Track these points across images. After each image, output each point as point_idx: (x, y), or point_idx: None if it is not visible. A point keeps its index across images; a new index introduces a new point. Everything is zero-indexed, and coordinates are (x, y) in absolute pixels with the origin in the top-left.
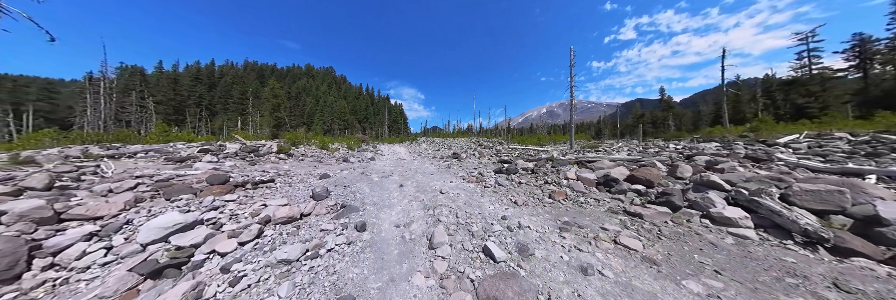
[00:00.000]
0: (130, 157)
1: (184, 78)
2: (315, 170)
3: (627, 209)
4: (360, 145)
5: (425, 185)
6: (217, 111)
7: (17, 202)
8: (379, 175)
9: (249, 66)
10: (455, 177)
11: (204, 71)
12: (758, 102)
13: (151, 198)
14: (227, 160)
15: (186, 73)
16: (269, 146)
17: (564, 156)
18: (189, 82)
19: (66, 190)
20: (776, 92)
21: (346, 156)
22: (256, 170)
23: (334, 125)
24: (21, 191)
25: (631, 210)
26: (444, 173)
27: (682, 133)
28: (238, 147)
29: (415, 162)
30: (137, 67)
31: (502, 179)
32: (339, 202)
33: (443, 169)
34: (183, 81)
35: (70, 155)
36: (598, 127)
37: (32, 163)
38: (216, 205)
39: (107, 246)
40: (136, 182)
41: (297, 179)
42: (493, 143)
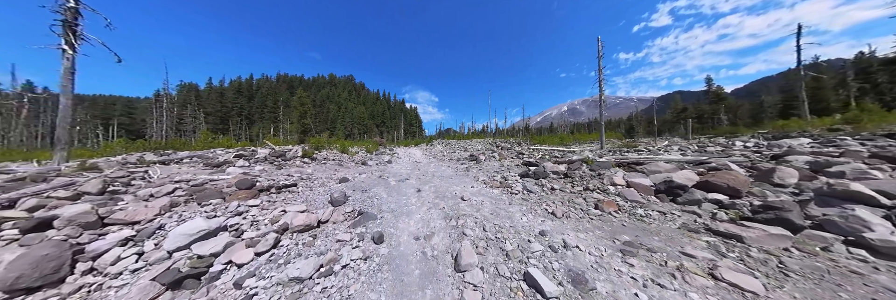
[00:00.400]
0: (177, 163)
1: (228, 91)
2: (335, 174)
3: (711, 227)
4: (377, 148)
5: (444, 190)
6: (255, 120)
7: (69, 207)
8: (396, 179)
9: (281, 78)
10: (475, 181)
11: (244, 84)
12: (848, 88)
13: (185, 203)
14: (258, 164)
15: (230, 87)
16: (295, 151)
17: (602, 158)
18: (232, 95)
19: (116, 194)
20: (878, 73)
21: (365, 159)
22: (282, 174)
23: (354, 129)
24: (79, 195)
25: (719, 228)
26: (462, 177)
27: (739, 128)
28: (267, 152)
29: (431, 164)
30: (192, 84)
31: (531, 185)
32: (357, 208)
33: (461, 172)
34: (227, 95)
35: (128, 161)
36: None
37: (95, 169)
38: (240, 210)
39: (138, 251)
40: (174, 187)
41: (317, 183)
42: (511, 143)
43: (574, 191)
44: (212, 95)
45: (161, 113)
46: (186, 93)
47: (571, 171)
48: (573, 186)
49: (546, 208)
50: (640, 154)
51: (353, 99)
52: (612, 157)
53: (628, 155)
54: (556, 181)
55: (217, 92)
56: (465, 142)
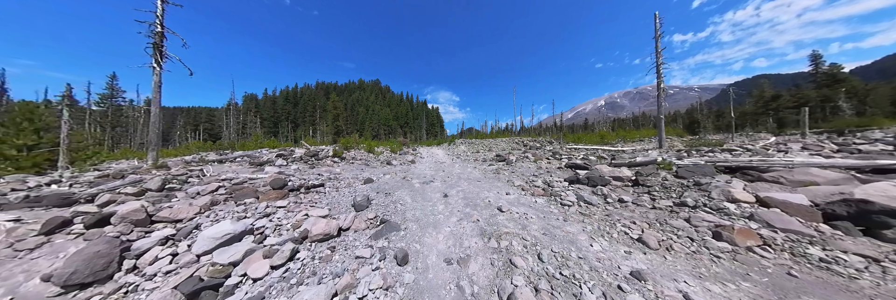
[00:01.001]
0: (232, 161)
1: (279, 99)
2: (361, 174)
3: None
4: (401, 148)
5: (474, 197)
6: (299, 123)
7: (125, 204)
8: (420, 180)
9: (320, 86)
10: (510, 186)
11: (291, 93)
12: None
13: (225, 201)
14: (294, 164)
15: (280, 95)
16: (327, 150)
17: (681, 160)
18: (282, 103)
19: (173, 191)
20: None
21: (390, 159)
22: (313, 174)
23: (380, 130)
24: (144, 191)
25: None
26: (492, 180)
27: (875, 119)
28: (303, 152)
29: (455, 165)
30: (252, 95)
31: (586, 194)
32: (379, 215)
33: (490, 174)
34: (278, 102)
35: (192, 160)
36: (689, 118)
37: (164, 167)
38: (268, 211)
39: (173, 252)
40: (218, 185)
41: (344, 184)
42: (540, 143)
43: (661, 207)
44: (266, 103)
45: (230, 119)
46: (248, 102)
47: (644, 178)
48: (654, 199)
49: (625, 231)
50: (737, 155)
51: (379, 101)
52: (699, 159)
53: (718, 155)
54: (624, 191)
55: (270, 100)
56: (489, 141)
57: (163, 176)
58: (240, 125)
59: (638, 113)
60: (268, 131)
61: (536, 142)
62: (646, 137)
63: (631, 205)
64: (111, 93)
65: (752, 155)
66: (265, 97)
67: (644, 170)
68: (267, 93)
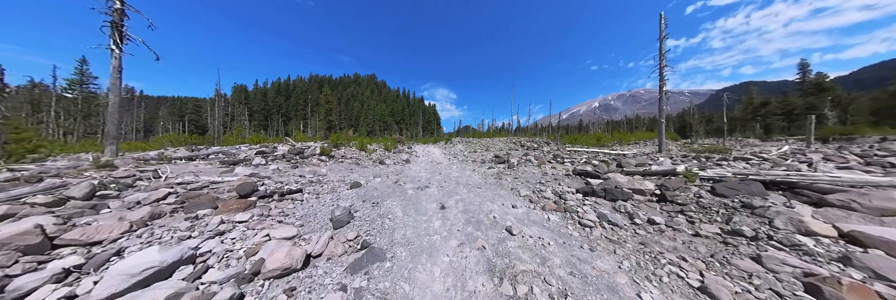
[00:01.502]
0: (203, 159)
1: (270, 92)
2: (350, 176)
3: None
4: (396, 146)
5: (476, 210)
6: (290, 117)
7: (12, 224)
8: (414, 185)
9: (313, 79)
10: (515, 196)
11: (283, 85)
12: None
13: (171, 214)
14: (274, 163)
15: (272, 87)
16: (314, 148)
17: (704, 171)
18: (273, 95)
19: (107, 199)
20: None
21: (382, 158)
22: (293, 175)
23: (375, 126)
24: (63, 201)
25: None
26: (494, 187)
27: (859, 127)
28: (287, 149)
29: (453, 167)
30: (242, 86)
31: (607, 210)
32: (362, 234)
33: (491, 179)
34: (269, 94)
35: (151, 158)
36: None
37: (109, 166)
38: (222, 228)
39: (70, 294)
40: (168, 192)
41: (327, 189)
42: (538, 143)
43: (707, 235)
44: (257, 95)
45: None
46: (238, 93)
47: (672, 193)
48: (693, 222)
49: (677, 271)
50: (758, 165)
51: (375, 97)
52: (725, 171)
53: (739, 166)
54: (650, 208)
55: (261, 92)
56: (487, 140)
57: (98, 179)
58: (228, 117)
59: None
60: (258, 125)
61: (534, 142)
62: (641, 140)
63: (666, 230)
64: (81, 78)
65: (774, 165)
66: (256, 89)
67: (669, 183)
68: (257, 84)
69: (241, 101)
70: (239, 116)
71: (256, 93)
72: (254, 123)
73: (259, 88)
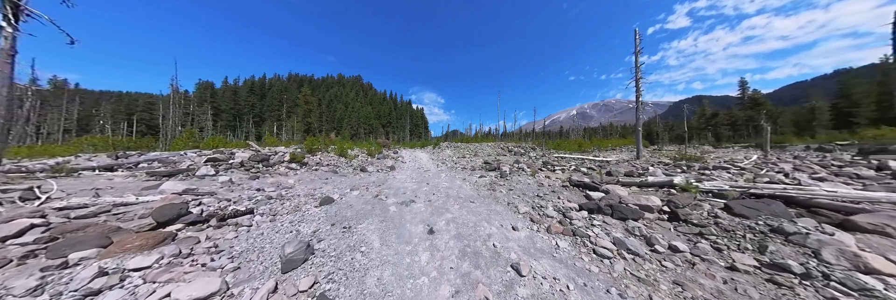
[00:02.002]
0: (128, 169)
1: (242, 90)
2: (322, 188)
3: None
4: (380, 151)
5: (472, 234)
6: (265, 118)
7: None
8: (397, 199)
9: (293, 78)
10: (514, 213)
11: (257, 83)
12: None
13: (22, 261)
14: (227, 173)
15: (244, 85)
16: (282, 154)
17: (701, 183)
18: (245, 93)
19: None
20: None
21: (365, 164)
22: (249, 190)
23: (360, 129)
24: None
25: None
26: (490, 201)
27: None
28: (247, 156)
29: (442, 175)
30: (209, 83)
31: (619, 233)
32: (321, 281)
33: (484, 191)
34: (241, 93)
35: (38, 169)
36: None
37: None
38: (96, 286)
39: None
40: (31, 223)
41: (289, 206)
42: (524, 148)
43: (746, 270)
44: (226, 94)
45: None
46: (202, 90)
47: (684, 212)
48: (720, 250)
49: None
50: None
51: (360, 99)
52: (723, 184)
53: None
54: (663, 228)
55: (231, 90)
56: (475, 145)
57: None
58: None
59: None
60: (225, 126)
61: (520, 147)
62: (617, 146)
63: (697, 262)
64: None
65: (756, 175)
66: (225, 86)
67: (677, 198)
68: (227, 82)
69: (205, 99)
70: (202, 116)
71: (225, 91)
72: (220, 124)
73: (228, 86)
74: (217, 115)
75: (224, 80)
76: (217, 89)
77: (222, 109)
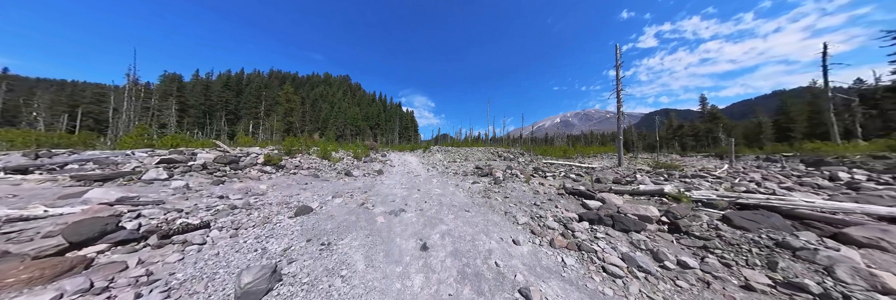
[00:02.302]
0: (51, 172)
1: (215, 85)
2: (299, 195)
3: None
4: (368, 154)
5: (470, 250)
6: (241, 115)
7: None
8: (385, 208)
9: (275, 75)
10: (512, 224)
11: (233, 78)
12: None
13: None
14: (185, 177)
15: (218, 80)
16: (255, 156)
17: (690, 192)
18: (219, 89)
19: None
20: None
21: (350, 168)
22: (209, 197)
23: (347, 130)
24: None
25: None
26: (485, 210)
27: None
28: (212, 157)
29: (433, 180)
30: (176, 75)
31: (624, 246)
32: None
33: (478, 199)
34: (214, 88)
35: None
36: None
37: None
38: None
39: None
40: None
41: (257, 218)
42: (513, 154)
43: (762, 289)
44: (197, 88)
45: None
46: (168, 83)
47: (684, 223)
48: (729, 266)
49: None
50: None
51: (348, 99)
52: (710, 193)
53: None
54: (665, 241)
55: (203, 84)
56: (465, 150)
57: None
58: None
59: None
60: (194, 123)
61: (509, 153)
62: (598, 153)
63: (711, 280)
64: None
65: (734, 185)
66: (196, 80)
67: (675, 209)
68: (198, 75)
69: (171, 92)
70: (166, 111)
71: (196, 85)
72: (188, 121)
73: (200, 80)
74: (184, 110)
75: (195, 72)
76: (186, 83)
77: (190, 105)
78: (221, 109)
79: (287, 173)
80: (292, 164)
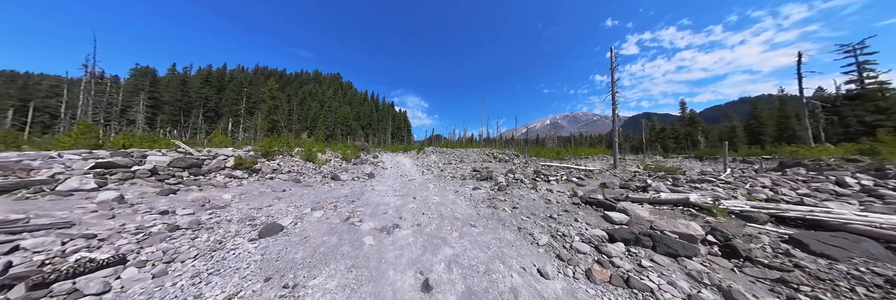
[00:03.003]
0: None
1: (194, 80)
2: (271, 207)
3: None
4: (358, 155)
5: (489, 291)
6: (223, 113)
7: None
8: (375, 224)
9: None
10: (532, 246)
11: (214, 74)
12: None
13: None
14: (124, 185)
15: (198, 75)
16: (223, 158)
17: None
18: (198, 84)
19: None
20: (842, 107)
21: (337, 171)
22: (148, 213)
23: (337, 130)
24: None
25: None
26: (495, 225)
27: (717, 150)
28: (168, 160)
29: (430, 185)
30: (148, 68)
31: (682, 281)
32: None
33: (484, 209)
34: (192, 83)
35: None
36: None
37: None
38: None
39: None
40: None
41: (202, 244)
42: (508, 155)
43: None
44: (173, 83)
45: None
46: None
47: (741, 245)
48: None
49: None
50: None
51: (339, 98)
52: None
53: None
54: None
55: (180, 79)
56: (460, 151)
57: None
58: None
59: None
60: (168, 120)
61: (505, 154)
62: (589, 155)
63: None
64: None
65: (749, 193)
66: (172, 75)
67: (724, 227)
68: (175, 70)
69: (143, 87)
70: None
71: (172, 80)
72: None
73: (176, 74)
74: (158, 107)
75: (171, 67)
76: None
77: (165, 101)
78: (200, 106)
79: (262, 178)
80: (269, 168)
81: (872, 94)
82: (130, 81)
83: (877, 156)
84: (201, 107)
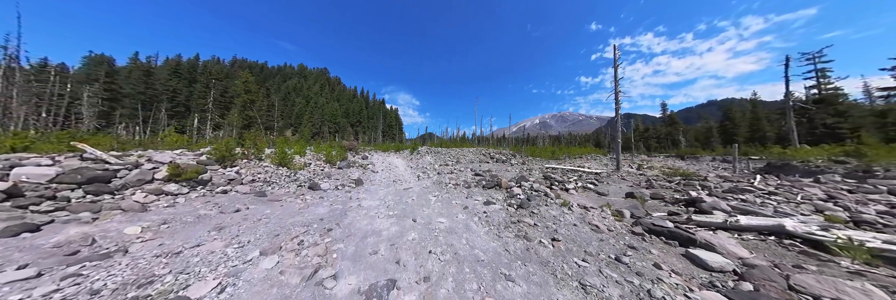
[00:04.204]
0: None
1: (161, 71)
2: (197, 249)
3: None
4: (344, 157)
5: None
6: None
7: None
8: (358, 280)
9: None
10: None
11: (185, 65)
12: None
13: None
14: None
15: (165, 66)
16: (150, 168)
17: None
18: (166, 76)
19: None
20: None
21: (317, 177)
22: None
23: (324, 127)
24: None
25: None
26: (542, 277)
27: (697, 150)
28: (54, 173)
29: (430, 197)
30: (105, 57)
31: None
32: None
33: (512, 240)
34: (159, 75)
35: None
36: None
37: None
38: None
39: None
40: None
41: None
42: (505, 155)
43: None
44: (134, 74)
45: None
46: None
47: None
48: None
49: None
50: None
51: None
52: (874, 237)
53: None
54: None
55: (143, 70)
56: (455, 151)
57: None
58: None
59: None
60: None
61: (501, 154)
62: (582, 154)
63: None
64: None
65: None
66: (134, 64)
67: None
68: (138, 59)
69: (97, 78)
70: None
71: (133, 70)
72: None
73: (139, 64)
74: (116, 100)
75: (133, 56)
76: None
77: (125, 94)
78: (168, 101)
79: (211, 193)
80: (225, 178)
81: (832, 99)
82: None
83: (863, 159)
84: (168, 101)
